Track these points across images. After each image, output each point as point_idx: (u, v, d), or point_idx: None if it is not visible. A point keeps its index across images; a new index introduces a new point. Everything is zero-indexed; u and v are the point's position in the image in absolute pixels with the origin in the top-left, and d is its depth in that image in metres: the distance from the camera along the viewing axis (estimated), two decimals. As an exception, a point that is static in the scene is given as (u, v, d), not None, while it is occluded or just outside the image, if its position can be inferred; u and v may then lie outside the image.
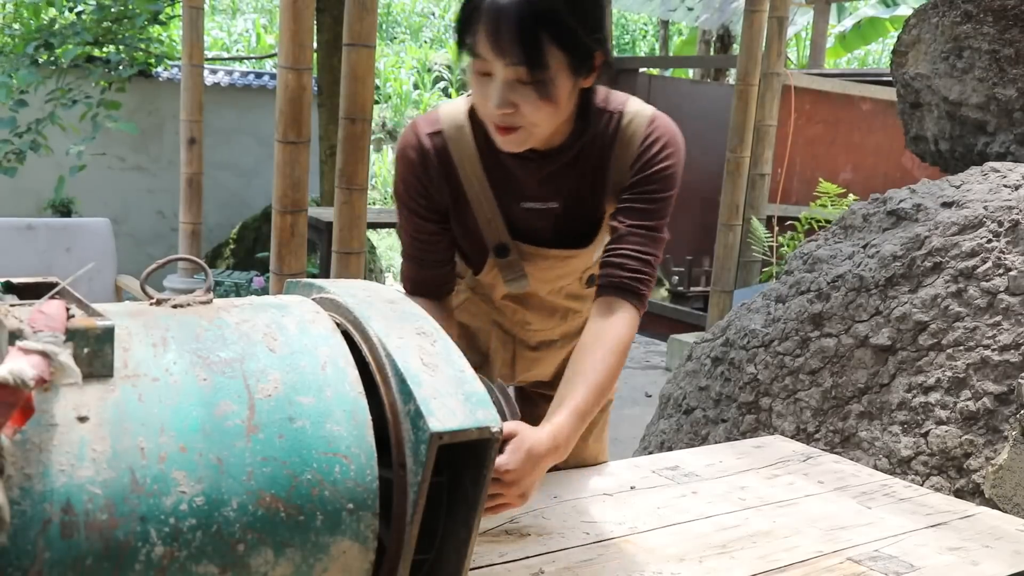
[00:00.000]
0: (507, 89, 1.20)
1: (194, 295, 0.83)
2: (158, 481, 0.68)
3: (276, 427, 0.74)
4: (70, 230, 4.05)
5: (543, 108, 1.22)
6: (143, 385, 0.71)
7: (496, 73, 1.20)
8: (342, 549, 0.76)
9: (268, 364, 0.78)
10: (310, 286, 1.00)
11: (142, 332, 0.75)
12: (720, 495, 1.50)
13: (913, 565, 1.27)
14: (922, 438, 1.98)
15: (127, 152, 7.56)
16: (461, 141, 1.37)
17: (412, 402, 0.85)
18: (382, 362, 0.89)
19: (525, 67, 1.18)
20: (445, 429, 0.84)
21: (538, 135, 1.28)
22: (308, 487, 0.74)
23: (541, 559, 1.22)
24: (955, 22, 2.76)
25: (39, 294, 0.80)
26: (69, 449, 0.66)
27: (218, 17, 14.17)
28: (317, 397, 0.78)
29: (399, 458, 0.85)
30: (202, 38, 4.80)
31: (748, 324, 2.41)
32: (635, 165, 1.36)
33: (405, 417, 0.85)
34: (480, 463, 0.89)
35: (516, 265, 1.44)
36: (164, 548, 0.67)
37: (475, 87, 1.25)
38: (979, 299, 1.99)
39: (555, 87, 1.21)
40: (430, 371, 0.89)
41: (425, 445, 0.82)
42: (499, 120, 1.24)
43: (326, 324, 0.86)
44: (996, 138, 2.74)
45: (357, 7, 2.90)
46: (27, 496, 0.63)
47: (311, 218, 4.88)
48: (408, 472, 0.85)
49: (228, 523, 0.70)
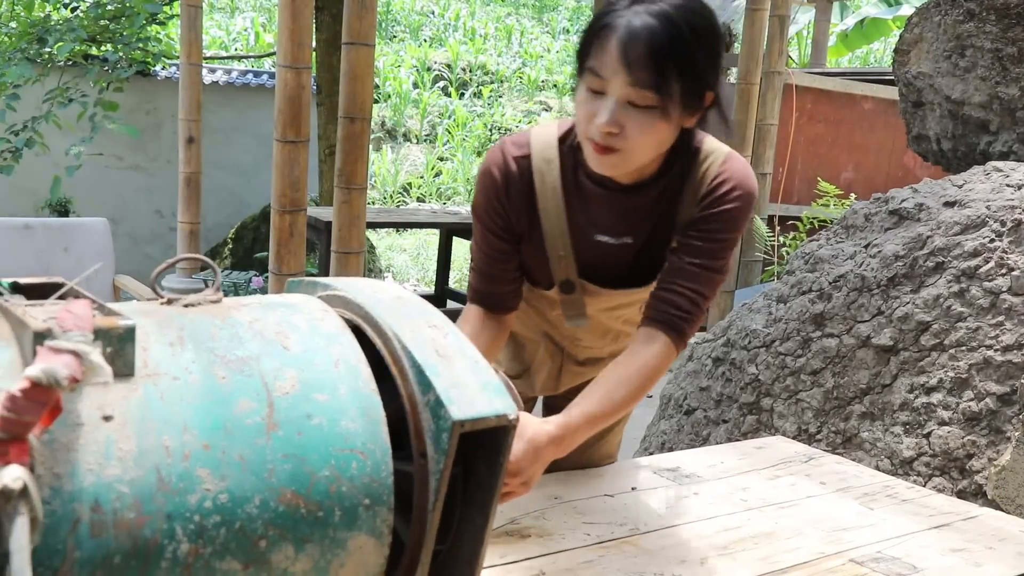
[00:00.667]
0: (618, 108, 1.21)
1: (204, 294, 0.84)
2: (183, 479, 0.69)
3: (294, 424, 0.75)
4: (68, 230, 4.04)
5: (649, 134, 1.23)
6: (164, 384, 0.72)
7: (611, 92, 1.21)
8: (358, 544, 0.77)
9: (283, 362, 0.79)
10: (314, 284, 1.01)
11: (157, 331, 0.76)
12: (721, 496, 1.49)
13: (916, 567, 1.27)
14: (924, 439, 1.97)
15: (125, 151, 7.55)
16: (548, 167, 1.37)
17: (431, 392, 0.88)
18: (398, 355, 0.91)
19: (649, 90, 1.19)
20: (466, 417, 0.87)
21: (634, 162, 1.28)
22: (326, 483, 0.75)
23: (542, 560, 1.22)
24: (957, 21, 2.75)
25: (44, 294, 0.81)
26: (96, 448, 0.66)
27: (216, 15, 14.16)
28: (332, 394, 0.79)
29: (419, 447, 0.88)
30: (200, 37, 4.80)
31: (749, 324, 2.40)
32: (703, 202, 1.35)
33: (424, 407, 0.88)
34: (496, 450, 0.92)
35: (578, 303, 1.45)
36: (190, 545, 0.68)
37: (582, 105, 1.25)
38: (982, 299, 1.98)
39: (666, 116, 1.22)
40: (446, 362, 0.92)
41: (447, 433, 0.86)
42: (602, 139, 1.24)
43: (335, 322, 0.87)
44: (999, 137, 2.73)
45: (356, 6, 2.90)
46: (57, 495, 0.64)
47: (310, 217, 4.87)
48: (429, 461, 0.87)
49: (251, 520, 0.71)
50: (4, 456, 0.59)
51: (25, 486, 0.59)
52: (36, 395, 0.60)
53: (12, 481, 0.59)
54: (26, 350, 0.67)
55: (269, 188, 3.05)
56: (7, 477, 0.59)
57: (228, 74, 8.15)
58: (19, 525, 0.59)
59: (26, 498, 0.59)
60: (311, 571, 0.74)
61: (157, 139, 7.65)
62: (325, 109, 6.49)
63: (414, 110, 13.03)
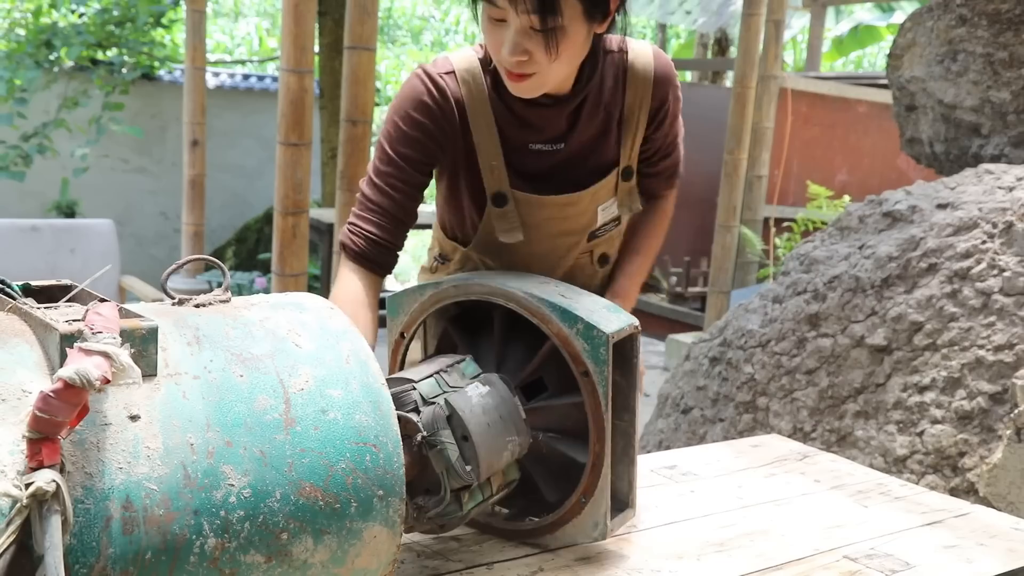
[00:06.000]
0: (521, 36, 1.21)
1: (213, 294, 0.85)
2: (208, 475, 0.70)
3: (311, 420, 0.77)
4: (74, 231, 4.07)
5: (557, 54, 1.23)
6: (185, 383, 0.73)
7: (510, 21, 1.21)
8: (373, 534, 0.79)
9: (297, 359, 0.80)
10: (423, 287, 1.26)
11: (175, 332, 0.77)
12: (718, 494, 1.51)
13: (908, 563, 1.28)
14: (917, 437, 2.00)
15: (130, 154, 7.57)
16: (474, 83, 1.36)
17: (579, 322, 1.13)
18: (535, 306, 1.16)
19: (537, 15, 1.18)
20: (614, 330, 1.14)
21: (552, 82, 1.29)
22: (343, 476, 0.77)
23: (540, 557, 1.23)
24: (950, 26, 2.78)
25: (54, 296, 0.82)
26: (125, 447, 0.68)
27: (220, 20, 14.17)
28: (344, 389, 0.81)
29: (580, 368, 1.14)
30: (204, 41, 4.83)
31: (745, 324, 2.43)
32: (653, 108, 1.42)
33: (576, 336, 1.14)
34: (626, 357, 1.18)
35: (511, 215, 1.41)
36: (216, 540, 0.69)
37: (488, 34, 1.26)
38: (974, 300, 2.01)
39: (568, 35, 1.22)
40: (574, 300, 1.18)
41: (604, 347, 1.12)
42: (513, 67, 1.25)
43: (342, 319, 0.89)
44: (990, 140, 2.76)
45: (358, 10, 2.92)
46: (90, 494, 0.65)
47: (312, 219, 4.90)
48: (593, 375, 1.14)
49: (273, 513, 0.72)
50: (36, 456, 0.60)
51: (58, 487, 0.60)
52: (68, 396, 0.61)
53: (46, 483, 0.60)
54: (51, 352, 0.69)
55: (272, 190, 3.07)
56: (41, 479, 0.60)
57: (232, 78, 8.18)
58: (52, 525, 0.60)
59: (58, 499, 0.61)
60: (329, 562, 0.76)
61: (162, 142, 7.68)
62: (327, 112, 6.51)
63: (415, 112, 13.01)
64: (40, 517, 0.60)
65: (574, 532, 1.23)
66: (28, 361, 0.69)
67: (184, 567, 0.68)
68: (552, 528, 1.24)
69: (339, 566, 0.77)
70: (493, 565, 1.20)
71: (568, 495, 1.21)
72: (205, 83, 4.88)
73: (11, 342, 0.70)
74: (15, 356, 0.68)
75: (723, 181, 4.92)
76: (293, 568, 0.74)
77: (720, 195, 4.95)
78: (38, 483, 0.60)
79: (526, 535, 1.27)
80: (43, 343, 0.71)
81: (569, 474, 1.22)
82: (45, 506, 0.60)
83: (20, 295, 0.79)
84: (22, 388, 0.66)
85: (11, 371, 0.67)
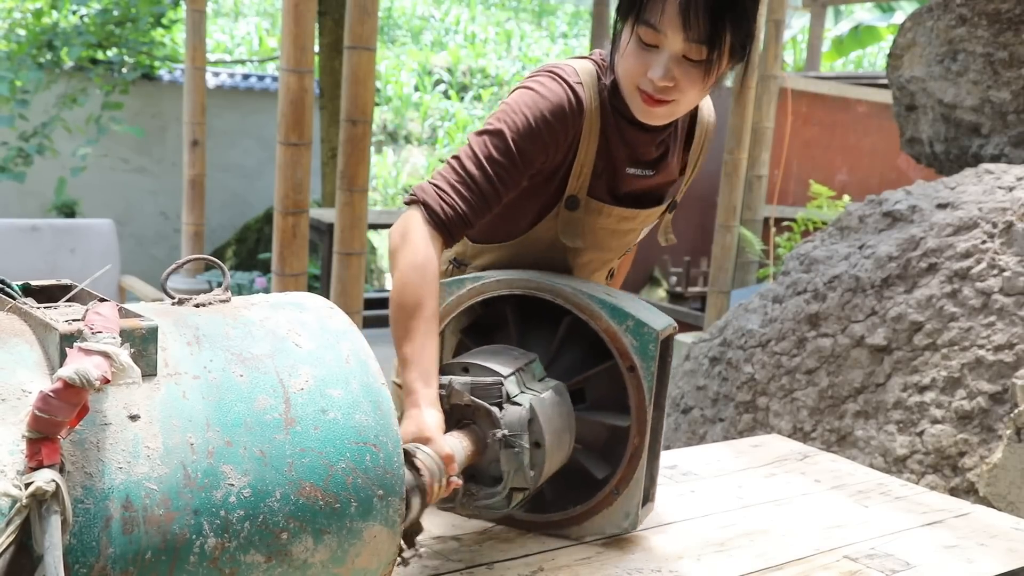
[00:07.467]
0: (674, 63, 1.23)
1: (213, 294, 0.85)
2: (208, 475, 0.70)
3: (311, 419, 0.77)
4: (74, 231, 4.07)
5: (699, 87, 1.26)
6: (185, 383, 0.73)
7: (667, 47, 1.23)
8: (373, 534, 0.80)
9: (297, 359, 0.80)
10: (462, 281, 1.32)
11: (174, 331, 0.77)
12: (718, 494, 1.51)
13: (908, 563, 1.29)
14: (917, 437, 2.00)
15: (130, 154, 7.58)
16: (594, 97, 1.37)
17: (629, 319, 1.21)
18: (585, 303, 1.23)
19: (706, 46, 1.21)
20: (661, 328, 1.22)
21: (681, 112, 1.32)
22: (343, 476, 0.77)
23: (540, 557, 1.24)
24: (950, 26, 2.78)
25: (54, 296, 0.82)
26: (124, 447, 0.68)
27: (220, 20, 14.18)
28: (344, 389, 0.81)
29: (627, 364, 1.22)
30: (204, 41, 4.82)
31: (745, 324, 2.43)
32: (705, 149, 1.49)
33: (624, 332, 1.21)
34: (666, 355, 1.26)
35: (577, 221, 1.41)
36: (216, 540, 0.69)
37: (633, 55, 1.26)
38: (974, 299, 2.01)
39: (719, 69, 1.26)
40: (620, 298, 1.25)
41: (653, 344, 1.20)
42: (656, 92, 1.26)
43: (343, 319, 0.89)
44: (990, 140, 2.76)
45: (358, 10, 2.93)
46: (90, 494, 0.65)
47: (312, 219, 4.90)
48: (639, 370, 1.21)
49: (273, 513, 0.72)
50: (36, 456, 0.60)
51: (58, 487, 0.60)
52: (68, 396, 0.61)
53: (45, 483, 0.60)
54: (51, 352, 0.69)
55: (272, 190, 3.07)
56: (40, 479, 0.60)
57: (232, 78, 8.18)
58: (52, 525, 0.60)
59: (58, 499, 0.60)
60: (329, 561, 0.76)
61: (162, 142, 7.68)
62: (327, 112, 6.52)
63: (415, 113, 13.04)
64: (40, 517, 0.60)
65: (603, 523, 1.28)
66: (28, 361, 0.69)
67: (184, 567, 0.68)
68: (580, 519, 1.28)
69: (339, 566, 0.77)
70: (493, 565, 1.20)
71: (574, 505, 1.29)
72: (205, 83, 4.88)
73: (11, 342, 0.70)
74: (15, 356, 0.68)
75: (723, 181, 4.92)
76: (293, 568, 0.74)
77: (720, 195, 4.95)
78: (38, 483, 0.60)
79: (550, 526, 1.30)
80: (43, 343, 0.71)
81: (579, 484, 1.28)
82: (45, 506, 0.60)
83: (20, 295, 0.79)
84: (22, 388, 0.66)
85: (11, 371, 0.67)
